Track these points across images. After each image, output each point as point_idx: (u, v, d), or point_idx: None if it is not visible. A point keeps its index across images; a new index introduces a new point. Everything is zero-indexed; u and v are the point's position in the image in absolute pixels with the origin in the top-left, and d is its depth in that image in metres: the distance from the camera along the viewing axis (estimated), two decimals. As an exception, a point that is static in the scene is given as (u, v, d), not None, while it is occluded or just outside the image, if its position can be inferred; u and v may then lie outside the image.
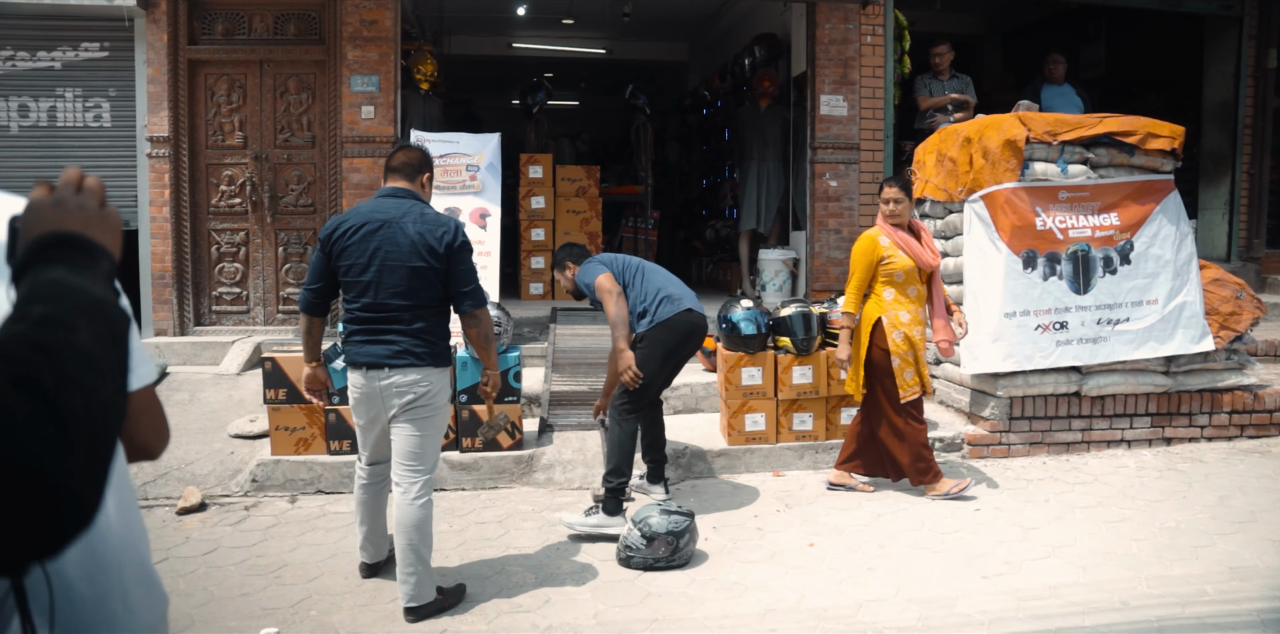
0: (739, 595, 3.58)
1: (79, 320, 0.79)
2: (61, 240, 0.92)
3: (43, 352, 0.71)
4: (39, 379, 0.68)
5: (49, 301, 0.81)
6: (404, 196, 3.50)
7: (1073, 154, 5.51)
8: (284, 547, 4.13)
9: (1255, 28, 8.39)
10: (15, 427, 0.63)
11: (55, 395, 0.67)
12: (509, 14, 9.93)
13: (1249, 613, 3.34)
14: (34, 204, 0.98)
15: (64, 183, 1.01)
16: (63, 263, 0.89)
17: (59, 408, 0.67)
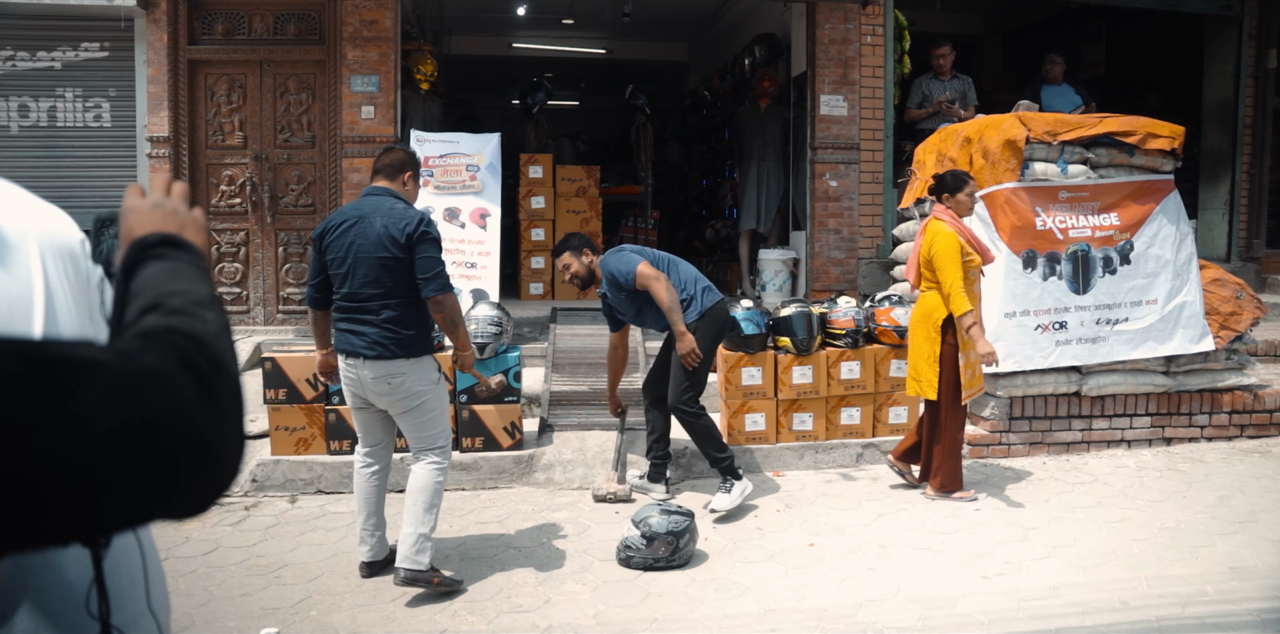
0: (739, 595, 3.58)
1: (204, 312, 0.88)
2: (165, 240, 1.01)
3: (191, 338, 0.80)
4: (196, 362, 0.77)
5: (176, 294, 0.90)
6: (382, 194, 3.72)
7: (1073, 154, 5.51)
8: (284, 547, 4.13)
9: (1255, 28, 8.39)
10: (189, 403, 0.73)
11: (209, 376, 0.77)
12: (509, 14, 9.93)
13: (1249, 613, 3.34)
14: (135, 206, 1.07)
15: (157, 187, 1.10)
16: (172, 259, 0.99)
17: (213, 387, 0.76)
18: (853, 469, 5.27)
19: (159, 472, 0.70)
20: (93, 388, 0.69)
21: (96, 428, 0.67)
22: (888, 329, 5.43)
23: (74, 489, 0.67)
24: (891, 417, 5.46)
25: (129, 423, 0.69)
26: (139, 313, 0.87)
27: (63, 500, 0.67)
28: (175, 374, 0.74)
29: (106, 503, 0.69)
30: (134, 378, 0.71)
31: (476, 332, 5.02)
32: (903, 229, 6.68)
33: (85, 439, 0.67)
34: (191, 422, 0.72)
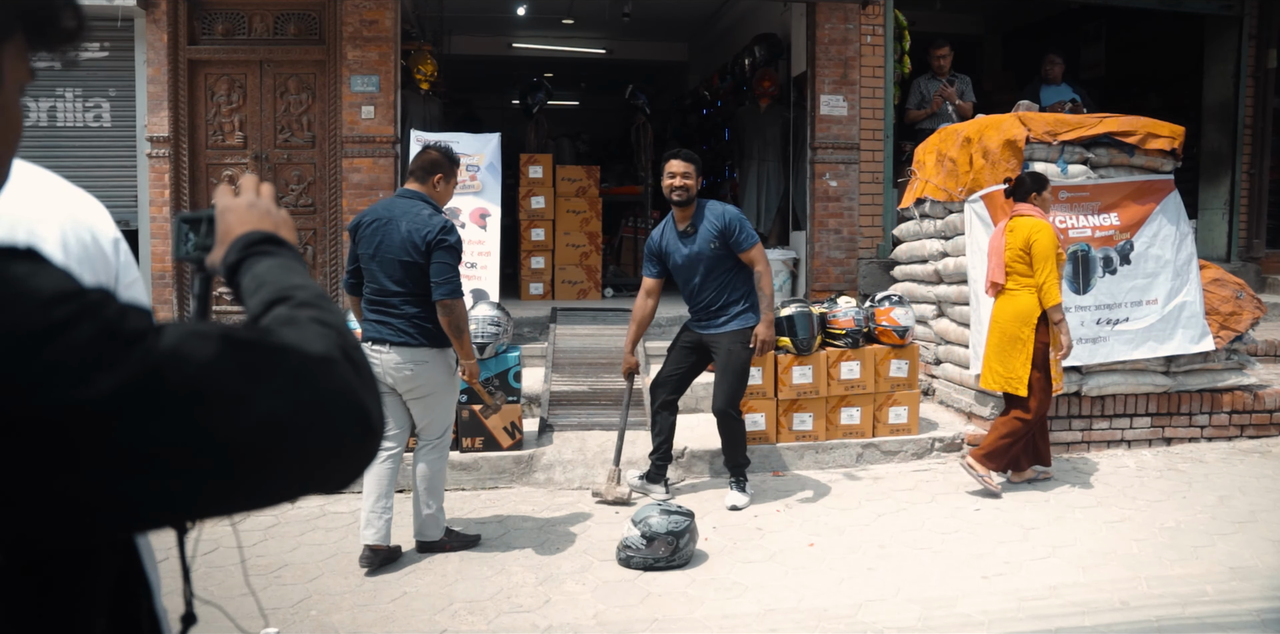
0: (739, 595, 3.58)
1: (329, 304, 0.94)
2: (267, 238, 1.06)
3: (330, 327, 0.86)
4: (347, 348, 0.84)
5: (298, 288, 0.95)
6: (410, 197, 3.95)
7: (1073, 154, 5.51)
8: (284, 547, 4.13)
9: (1255, 28, 8.39)
10: (353, 384, 0.80)
11: (360, 360, 0.84)
12: (509, 14, 9.93)
13: (1249, 613, 3.34)
14: (232, 205, 1.11)
15: (248, 188, 1.14)
16: (279, 256, 1.04)
17: (362, 369, 0.83)
18: (853, 469, 5.27)
19: (330, 444, 0.77)
20: (282, 370, 0.76)
21: (286, 407, 0.74)
22: (888, 329, 5.43)
23: (261, 460, 0.74)
24: (891, 417, 5.46)
25: (312, 401, 0.76)
26: (265, 305, 0.92)
27: (251, 471, 0.74)
28: (339, 359, 0.81)
29: (283, 473, 0.76)
30: (313, 361, 0.78)
31: (477, 331, 5.01)
32: (903, 229, 6.68)
33: (274, 415, 0.73)
34: (357, 400, 0.79)
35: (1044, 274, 4.57)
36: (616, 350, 6.39)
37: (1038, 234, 4.59)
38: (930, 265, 6.17)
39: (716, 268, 4.55)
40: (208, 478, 0.72)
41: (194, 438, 0.71)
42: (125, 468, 0.70)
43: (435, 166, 3.97)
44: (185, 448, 0.70)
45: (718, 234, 4.50)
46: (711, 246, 4.50)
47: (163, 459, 0.70)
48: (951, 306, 5.92)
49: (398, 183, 7.05)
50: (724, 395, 4.59)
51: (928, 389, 6.23)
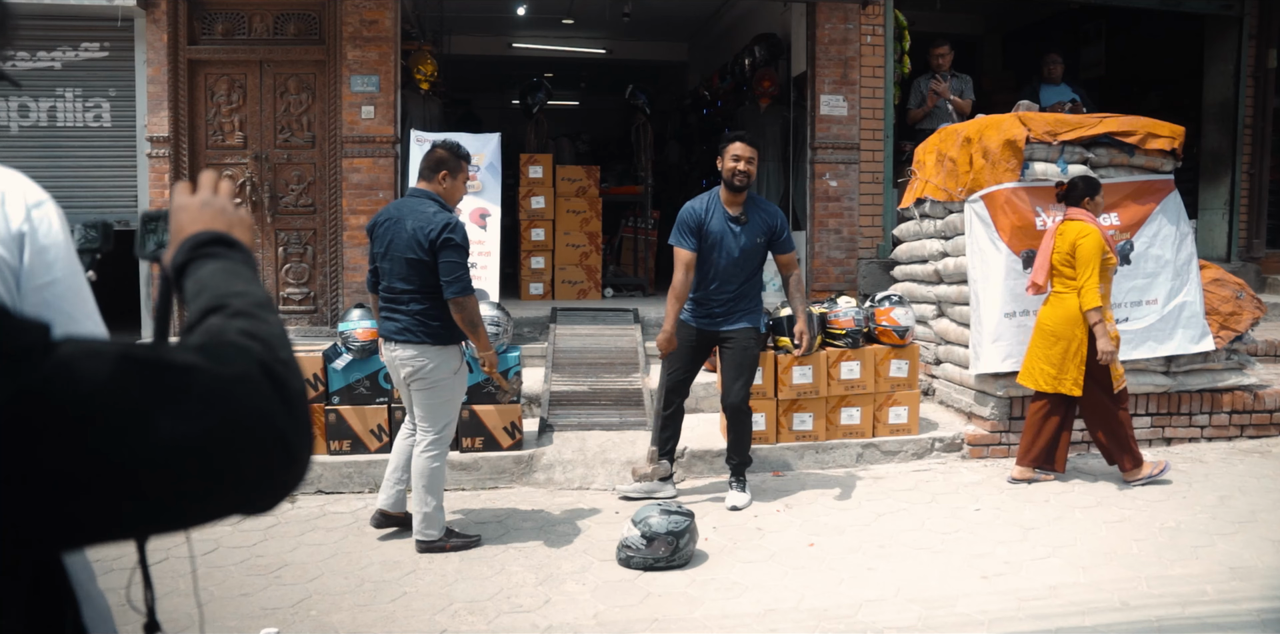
0: (739, 595, 3.58)
1: (267, 314, 0.90)
2: (217, 239, 1.02)
3: (261, 342, 0.83)
4: (271, 365, 0.80)
5: (237, 296, 0.91)
6: (419, 196, 4.04)
7: (1073, 154, 5.51)
8: (284, 547, 4.13)
9: (1255, 28, 8.38)
10: (270, 407, 0.76)
11: (284, 379, 0.80)
12: (509, 14, 9.93)
13: (1249, 613, 3.34)
14: (185, 203, 1.08)
15: (205, 185, 1.10)
16: (225, 259, 1.00)
17: (288, 390, 0.79)
18: (853, 469, 5.27)
19: (243, 471, 0.74)
20: (189, 391, 0.73)
21: (191, 429, 0.71)
22: (887, 329, 5.43)
23: (167, 487, 0.71)
24: (891, 417, 5.46)
25: (220, 424, 0.73)
26: (201, 313, 0.89)
27: (155, 497, 0.71)
28: (257, 378, 0.77)
29: (193, 500, 0.73)
30: (224, 381, 0.75)
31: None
32: (903, 229, 6.68)
33: (181, 439, 0.71)
34: (273, 424, 0.76)
35: (1084, 277, 4.66)
36: (617, 350, 6.40)
37: (1084, 238, 4.68)
38: (930, 265, 6.17)
39: (751, 263, 4.55)
40: (113, 501, 0.69)
41: (88, 461, 0.67)
42: (13, 490, 0.66)
43: (440, 164, 4.03)
44: (80, 471, 0.67)
45: (767, 230, 4.50)
46: (758, 241, 4.50)
47: (55, 482, 0.67)
48: (951, 306, 5.92)
49: (398, 183, 7.05)
50: (741, 390, 4.60)
51: (928, 389, 6.23)
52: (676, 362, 4.70)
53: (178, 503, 0.73)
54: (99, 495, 0.69)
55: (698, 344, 4.69)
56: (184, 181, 1.12)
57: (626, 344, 6.48)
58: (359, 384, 5.02)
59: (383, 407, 5.03)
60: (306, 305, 7.19)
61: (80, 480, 0.68)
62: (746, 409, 4.69)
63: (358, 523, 4.43)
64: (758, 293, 4.68)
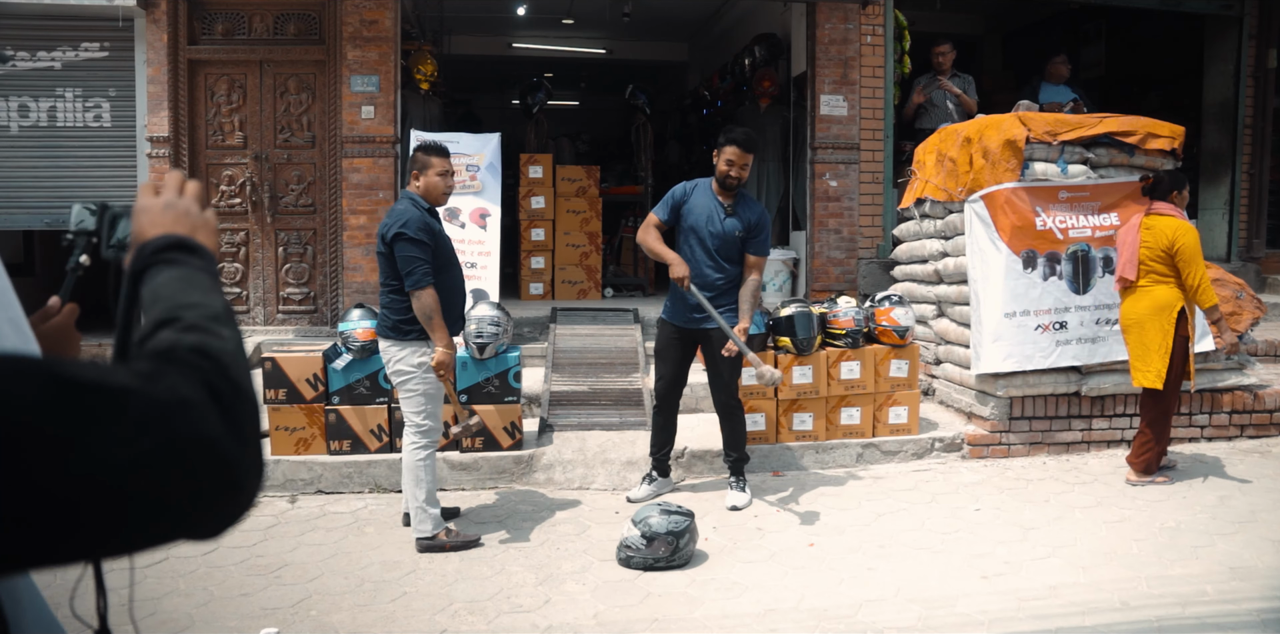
0: (739, 595, 3.58)
1: (221, 328, 0.86)
2: (176, 243, 0.97)
3: (211, 360, 0.79)
4: (219, 387, 0.77)
5: (191, 308, 0.87)
6: (402, 197, 4.24)
7: (1073, 154, 5.51)
8: (284, 547, 4.13)
9: (1255, 28, 8.38)
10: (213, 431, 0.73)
11: (231, 401, 0.77)
12: (509, 14, 9.92)
13: (1249, 613, 3.34)
14: (146, 206, 1.03)
15: (170, 186, 1.06)
16: (183, 265, 0.95)
17: (235, 412, 0.76)
18: (853, 469, 5.27)
19: (182, 498, 0.72)
20: (123, 415, 0.70)
21: (125, 455, 0.68)
22: (887, 329, 5.43)
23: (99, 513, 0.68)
24: (891, 417, 5.46)
25: (156, 450, 0.70)
26: (153, 326, 0.86)
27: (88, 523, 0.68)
28: (200, 401, 0.74)
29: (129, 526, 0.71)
30: (161, 406, 0.72)
31: (477, 331, 5.02)
32: (903, 229, 6.68)
33: (114, 465, 0.68)
34: (215, 449, 0.73)
35: (1196, 276, 4.64)
36: (617, 350, 6.40)
37: (1184, 237, 4.67)
38: (930, 265, 6.17)
39: (729, 253, 4.54)
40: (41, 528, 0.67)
41: (12, 487, 0.64)
42: None
43: (412, 164, 4.23)
44: (3, 497, 0.64)
45: (747, 226, 4.53)
46: (738, 234, 4.52)
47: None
48: (951, 306, 5.92)
49: (397, 183, 7.05)
50: (730, 387, 4.65)
51: (928, 389, 6.23)
52: (664, 365, 4.72)
53: (112, 530, 0.70)
54: (26, 523, 0.66)
55: (682, 342, 4.68)
56: (147, 183, 1.07)
57: (626, 344, 6.48)
58: (359, 384, 5.02)
59: (383, 407, 5.03)
60: (306, 305, 7.19)
61: (3, 508, 0.65)
62: (737, 403, 4.71)
63: (357, 523, 4.44)
64: (736, 291, 4.60)
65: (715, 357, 4.58)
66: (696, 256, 4.55)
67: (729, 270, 4.56)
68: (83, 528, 0.68)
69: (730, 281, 4.57)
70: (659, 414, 4.79)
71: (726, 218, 4.52)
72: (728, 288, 4.57)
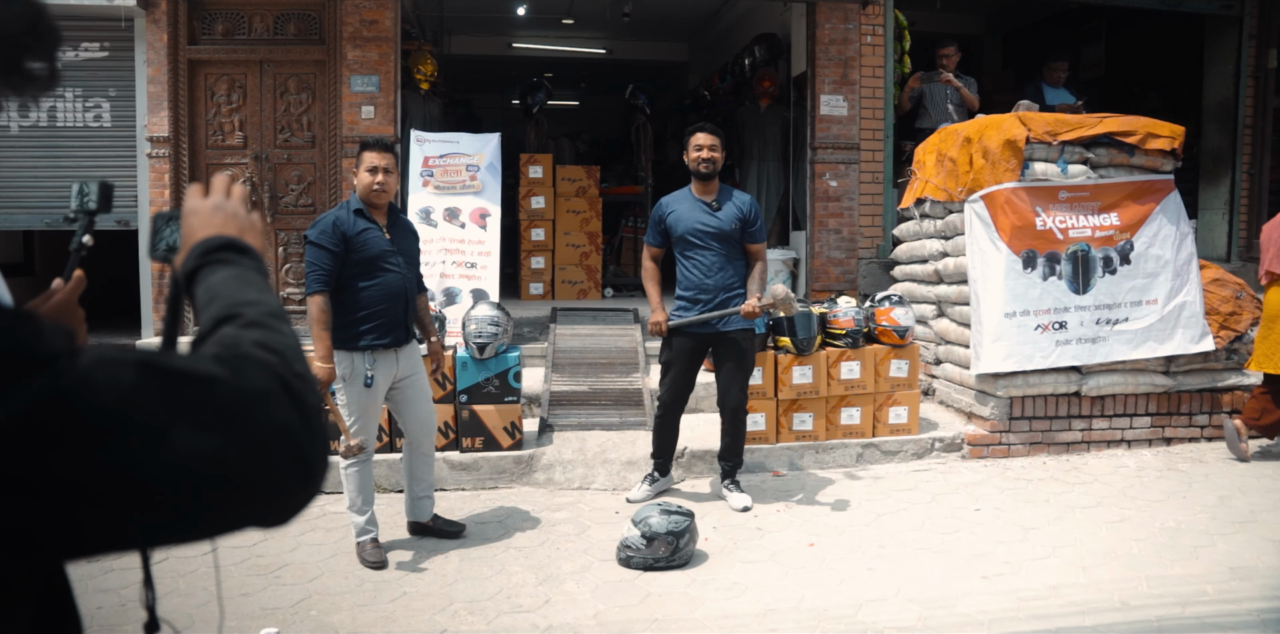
0: (739, 595, 3.58)
1: (282, 325, 0.89)
2: (228, 244, 1.00)
3: (278, 354, 0.82)
4: (288, 379, 0.79)
5: (251, 305, 0.90)
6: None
7: (1073, 154, 5.51)
8: (284, 547, 4.13)
9: (1255, 28, 8.38)
10: (290, 421, 0.75)
11: (301, 393, 0.79)
12: (509, 14, 9.92)
13: (1249, 613, 3.34)
14: (197, 207, 1.05)
15: (218, 189, 1.09)
16: (237, 265, 0.98)
17: (305, 404, 0.78)
18: (853, 469, 5.27)
19: (260, 485, 0.73)
20: (210, 403, 0.72)
21: (211, 443, 0.70)
22: (888, 329, 5.43)
23: (185, 498, 0.70)
24: (891, 417, 5.46)
25: (239, 440, 0.72)
26: (214, 322, 0.88)
27: (167, 509, 0.70)
28: (277, 393, 0.76)
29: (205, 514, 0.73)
30: (246, 396, 0.74)
31: (476, 331, 5.02)
32: (903, 229, 6.68)
33: (200, 453, 0.70)
34: (292, 438, 0.75)
35: None
36: (617, 350, 6.40)
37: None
38: (930, 265, 6.17)
39: (734, 250, 4.52)
40: (125, 512, 0.69)
41: (106, 470, 0.66)
42: (25, 497, 0.65)
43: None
44: (94, 480, 0.66)
45: (740, 217, 4.49)
46: (734, 226, 4.47)
47: (69, 490, 0.66)
48: (951, 306, 5.92)
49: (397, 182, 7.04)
50: (740, 392, 4.60)
51: (928, 389, 6.23)
52: (674, 373, 4.61)
53: (189, 516, 0.72)
54: (111, 506, 0.68)
55: (695, 351, 4.60)
56: (197, 184, 1.10)
57: (626, 344, 6.48)
58: (359, 384, 5.01)
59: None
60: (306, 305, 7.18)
61: (94, 490, 0.67)
62: (745, 411, 4.71)
63: (358, 523, 4.43)
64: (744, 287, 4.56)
65: (727, 360, 4.55)
66: (700, 268, 4.50)
67: (736, 265, 4.53)
68: (167, 512, 0.70)
69: (735, 276, 4.53)
70: (665, 422, 4.70)
71: (716, 212, 4.49)
72: (735, 284, 4.53)
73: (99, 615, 3.37)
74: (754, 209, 4.56)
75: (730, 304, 4.48)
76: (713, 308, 4.48)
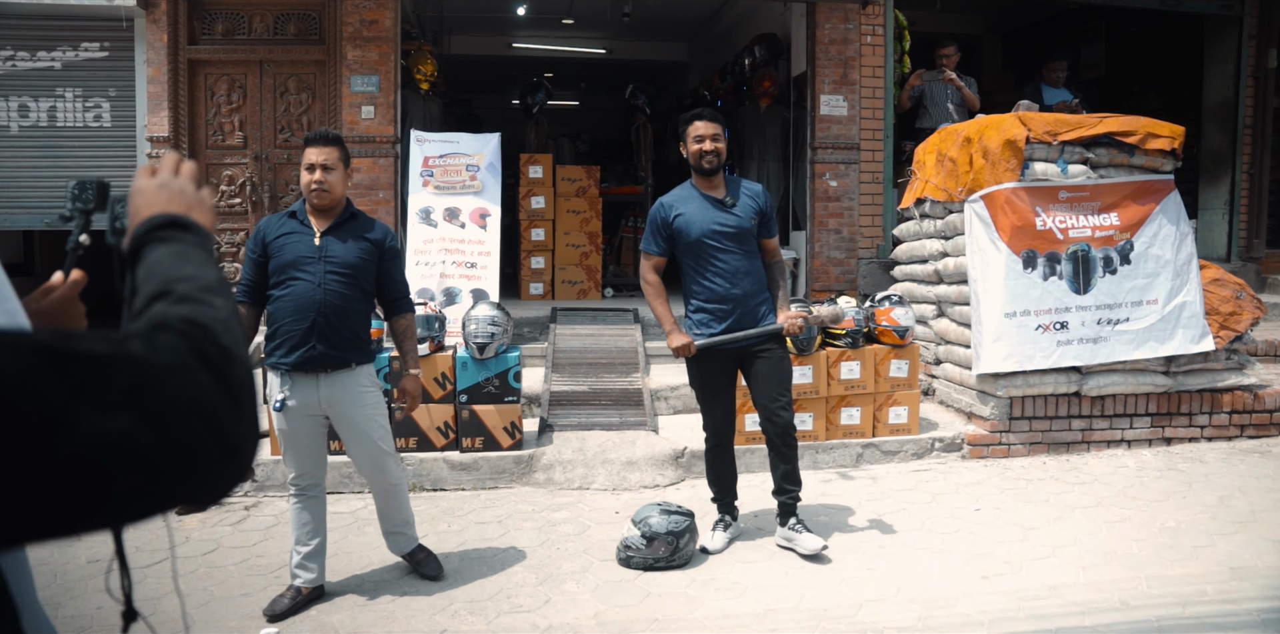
0: (739, 595, 3.58)
1: (213, 298, 0.87)
2: (171, 222, 0.99)
3: (202, 328, 0.80)
4: (209, 353, 0.76)
5: (184, 281, 0.88)
6: None
7: (1073, 154, 5.51)
8: (284, 547, 4.12)
9: (1255, 28, 8.39)
10: (206, 396, 0.73)
11: (223, 367, 0.76)
12: (509, 14, 9.93)
13: (1249, 613, 3.34)
14: (141, 186, 1.04)
15: (165, 167, 1.08)
16: (178, 242, 0.97)
17: (227, 378, 0.76)
18: (852, 469, 5.27)
19: (178, 465, 0.71)
20: (110, 383, 0.69)
21: (116, 423, 0.68)
22: (888, 329, 5.43)
23: (94, 482, 0.67)
24: (891, 417, 5.46)
25: (148, 418, 0.69)
26: (147, 300, 0.87)
27: (83, 493, 0.68)
28: (192, 367, 0.74)
29: (126, 495, 0.70)
30: (152, 372, 0.71)
31: (476, 331, 5.02)
32: (903, 229, 6.68)
33: (105, 434, 0.67)
34: (209, 415, 0.73)
35: None
36: (617, 350, 6.40)
37: None
38: (930, 265, 6.18)
39: (753, 250, 3.97)
40: (35, 499, 0.66)
41: (3, 459, 0.64)
42: None
43: None
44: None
45: (757, 210, 3.99)
46: (753, 222, 3.95)
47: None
48: (951, 306, 5.92)
49: (397, 183, 7.05)
50: (787, 409, 3.95)
51: (928, 389, 6.23)
52: (714, 397, 4.08)
53: (107, 500, 0.69)
54: (19, 495, 0.65)
55: (729, 368, 4.03)
56: (146, 164, 1.09)
57: (626, 344, 6.48)
58: (359, 384, 5.01)
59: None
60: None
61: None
62: (794, 428, 4.04)
63: (357, 523, 4.44)
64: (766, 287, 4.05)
65: (764, 373, 3.94)
66: (723, 276, 3.92)
67: (757, 267, 3.99)
68: (77, 498, 0.67)
69: (761, 275, 4.00)
70: (720, 454, 4.17)
71: (732, 208, 3.95)
72: (764, 288, 4.00)
73: (99, 615, 3.37)
74: (767, 199, 4.09)
75: (759, 312, 3.95)
76: (742, 318, 3.91)
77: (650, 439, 5.25)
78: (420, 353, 5.00)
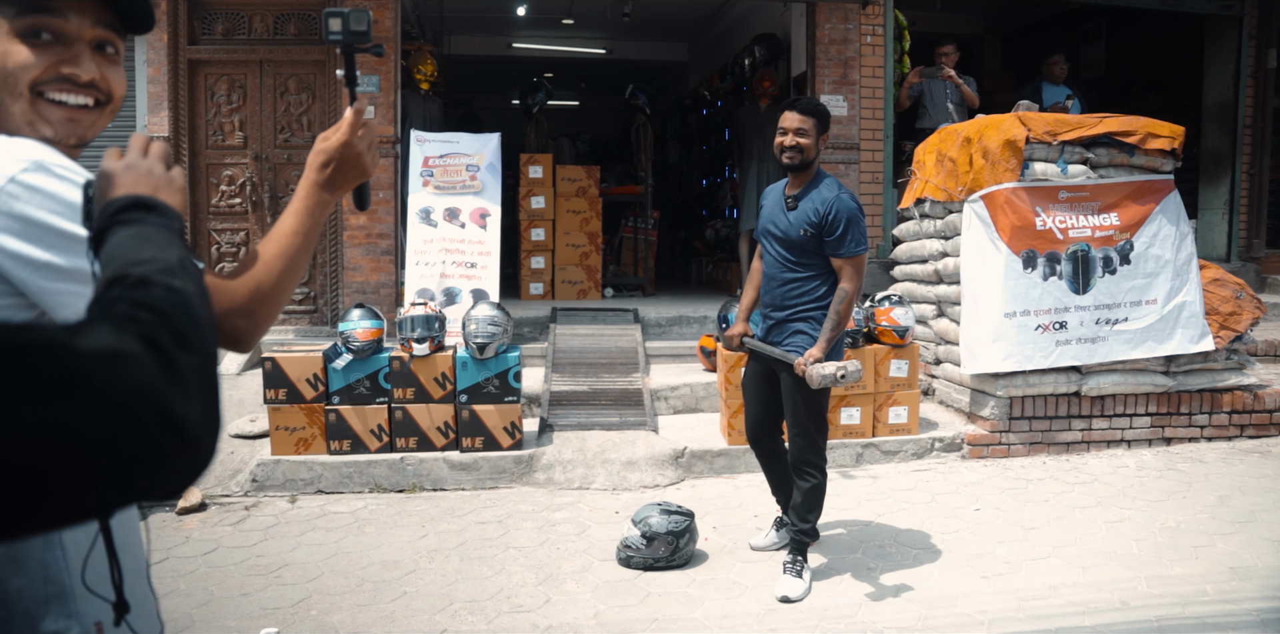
0: (739, 595, 3.58)
1: (172, 280, 0.84)
2: (135, 203, 0.97)
3: (154, 311, 0.77)
4: (158, 338, 0.73)
5: (142, 263, 0.86)
6: None
7: (1073, 154, 5.51)
8: (284, 547, 4.13)
9: (1255, 28, 8.39)
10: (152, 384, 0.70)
11: (173, 352, 0.73)
12: (509, 14, 9.94)
13: (1249, 613, 3.34)
14: (107, 169, 1.03)
15: (133, 148, 1.06)
16: (141, 224, 0.94)
17: (176, 364, 0.73)
18: (852, 469, 5.27)
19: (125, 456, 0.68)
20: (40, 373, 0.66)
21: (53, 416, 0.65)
22: (888, 329, 5.43)
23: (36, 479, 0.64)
24: (891, 417, 5.46)
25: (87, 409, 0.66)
26: (103, 287, 0.84)
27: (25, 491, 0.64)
28: (136, 353, 0.71)
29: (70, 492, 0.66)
30: (90, 360, 0.68)
31: (476, 331, 5.02)
32: (903, 229, 6.68)
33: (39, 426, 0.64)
34: (156, 403, 0.69)
35: None
36: (617, 350, 6.40)
37: None
38: (930, 265, 6.18)
39: (808, 263, 3.64)
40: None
41: None
42: None
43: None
44: None
45: (814, 222, 3.56)
46: (802, 233, 3.59)
47: None
48: (951, 306, 5.92)
49: (397, 183, 7.05)
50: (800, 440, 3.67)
51: (927, 389, 6.23)
52: (746, 399, 3.94)
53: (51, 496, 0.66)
54: None
55: (763, 374, 3.81)
56: (113, 148, 1.06)
57: (626, 344, 6.48)
58: (359, 384, 5.02)
59: (383, 407, 5.03)
60: (306, 305, 7.19)
61: None
62: (810, 462, 3.65)
63: (357, 523, 4.44)
64: (819, 312, 3.65)
65: (783, 397, 3.71)
66: (766, 277, 3.77)
67: (798, 276, 3.65)
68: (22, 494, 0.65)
69: (801, 292, 3.65)
70: (758, 457, 4.01)
71: (790, 212, 3.64)
72: (799, 300, 3.66)
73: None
74: (833, 211, 3.54)
75: (786, 332, 3.68)
76: (770, 330, 3.74)
77: (650, 439, 5.25)
78: (420, 353, 5.02)
